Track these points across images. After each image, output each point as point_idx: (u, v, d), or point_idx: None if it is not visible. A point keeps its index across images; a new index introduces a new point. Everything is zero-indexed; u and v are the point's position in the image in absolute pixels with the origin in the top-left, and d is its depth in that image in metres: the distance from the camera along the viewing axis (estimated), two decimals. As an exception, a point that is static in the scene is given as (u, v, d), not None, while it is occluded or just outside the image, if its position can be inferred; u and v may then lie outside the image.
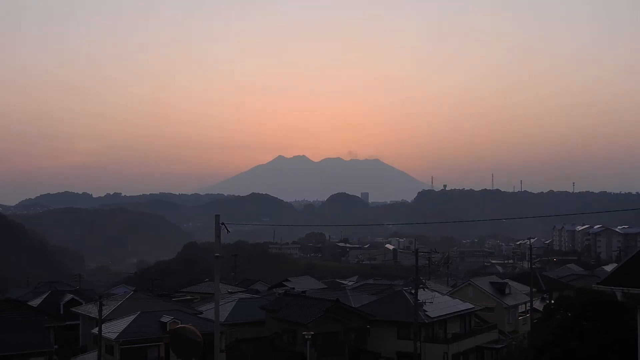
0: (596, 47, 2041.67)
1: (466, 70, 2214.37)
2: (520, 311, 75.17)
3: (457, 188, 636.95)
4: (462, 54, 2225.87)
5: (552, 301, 45.16)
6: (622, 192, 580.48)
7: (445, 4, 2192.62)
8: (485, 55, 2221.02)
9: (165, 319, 52.79)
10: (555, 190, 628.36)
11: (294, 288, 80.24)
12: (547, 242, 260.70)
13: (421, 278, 68.79)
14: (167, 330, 51.76)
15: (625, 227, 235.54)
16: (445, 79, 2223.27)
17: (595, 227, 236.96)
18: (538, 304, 68.89)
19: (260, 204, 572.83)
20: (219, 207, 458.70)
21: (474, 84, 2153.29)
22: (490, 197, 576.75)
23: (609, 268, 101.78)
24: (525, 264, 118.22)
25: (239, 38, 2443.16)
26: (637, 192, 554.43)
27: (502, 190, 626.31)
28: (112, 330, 51.28)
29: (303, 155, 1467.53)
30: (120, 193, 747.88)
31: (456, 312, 61.49)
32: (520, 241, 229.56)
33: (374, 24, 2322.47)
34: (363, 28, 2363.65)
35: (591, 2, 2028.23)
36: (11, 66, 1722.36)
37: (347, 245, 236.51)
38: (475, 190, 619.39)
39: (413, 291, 56.81)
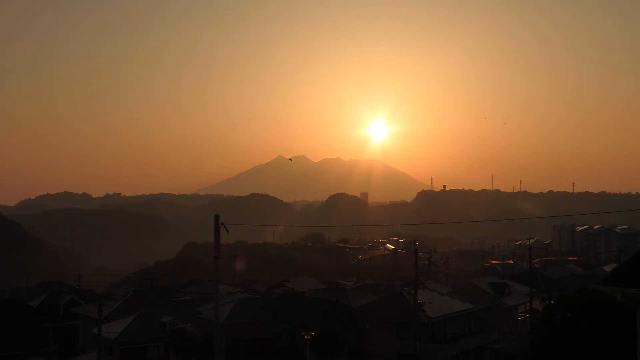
0: (595, 46, 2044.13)
1: (466, 70, 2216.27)
2: (520, 311, 75.16)
3: (457, 188, 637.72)
4: (462, 54, 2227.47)
5: (552, 301, 45.16)
6: (622, 192, 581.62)
7: (445, 4, 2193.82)
8: (485, 55, 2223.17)
9: (165, 319, 52.83)
10: (555, 190, 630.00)
11: (293, 288, 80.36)
12: (546, 242, 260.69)
13: (421, 278, 68.82)
14: (167, 330, 51.83)
15: (625, 227, 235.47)
16: (445, 78, 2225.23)
17: (595, 227, 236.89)
18: (538, 304, 68.87)
19: (259, 204, 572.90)
20: (218, 207, 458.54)
21: (474, 84, 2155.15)
22: (490, 197, 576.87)
23: (609, 268, 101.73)
24: (525, 264, 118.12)
25: (240, 38, 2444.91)
26: (637, 192, 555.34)
27: (502, 190, 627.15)
28: (112, 330, 51.33)
29: (303, 155, 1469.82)
30: (120, 193, 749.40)
31: (456, 312, 61.48)
32: (520, 241, 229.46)
33: (371, 25, 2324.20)
34: (362, 28, 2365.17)
35: (588, 3, 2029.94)
36: (10, 65, 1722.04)
37: (347, 245, 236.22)
38: (475, 190, 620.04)
39: (412, 291, 56.87)
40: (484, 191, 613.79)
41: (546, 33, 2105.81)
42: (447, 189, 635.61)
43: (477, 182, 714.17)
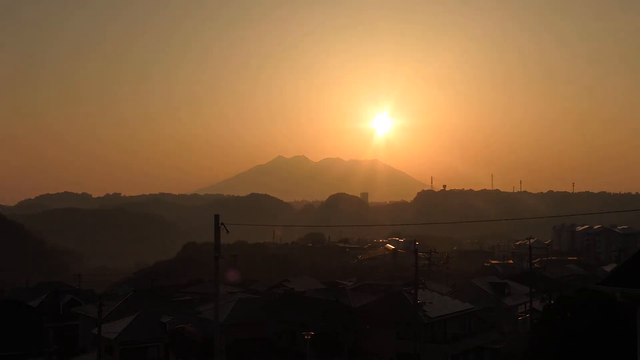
0: (596, 46, 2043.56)
1: (466, 69, 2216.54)
2: (520, 311, 75.12)
3: (457, 188, 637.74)
4: (462, 53, 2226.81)
5: (552, 301, 45.16)
6: (622, 192, 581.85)
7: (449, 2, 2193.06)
8: (484, 56, 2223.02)
9: (165, 319, 52.83)
10: (555, 190, 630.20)
11: (293, 288, 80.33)
12: (546, 242, 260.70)
13: (421, 278, 68.79)
14: (167, 330, 51.84)
15: (625, 227, 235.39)
16: (444, 78, 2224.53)
17: (595, 227, 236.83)
18: (538, 304, 68.85)
19: (259, 204, 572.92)
20: (218, 207, 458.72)
21: (473, 84, 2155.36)
22: (490, 197, 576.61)
23: (609, 268, 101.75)
24: (525, 264, 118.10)
25: (239, 37, 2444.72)
26: (637, 192, 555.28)
27: (502, 190, 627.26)
28: (112, 330, 51.33)
29: (303, 155, 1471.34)
30: (120, 193, 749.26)
31: (456, 312, 61.47)
32: (520, 241, 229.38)
33: (371, 22, 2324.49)
34: (364, 29, 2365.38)
35: (588, 4, 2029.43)
36: (10, 66, 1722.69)
37: (347, 245, 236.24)
38: (475, 190, 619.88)
39: (412, 291, 56.87)
40: (483, 191, 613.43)
41: (547, 32, 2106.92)
42: (447, 188, 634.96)
43: (477, 181, 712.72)
